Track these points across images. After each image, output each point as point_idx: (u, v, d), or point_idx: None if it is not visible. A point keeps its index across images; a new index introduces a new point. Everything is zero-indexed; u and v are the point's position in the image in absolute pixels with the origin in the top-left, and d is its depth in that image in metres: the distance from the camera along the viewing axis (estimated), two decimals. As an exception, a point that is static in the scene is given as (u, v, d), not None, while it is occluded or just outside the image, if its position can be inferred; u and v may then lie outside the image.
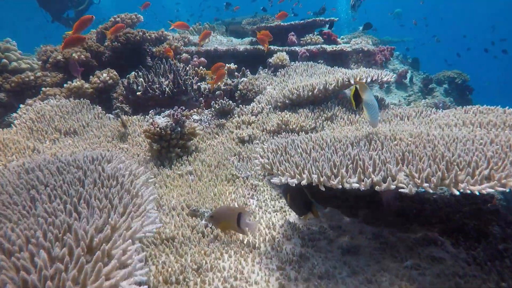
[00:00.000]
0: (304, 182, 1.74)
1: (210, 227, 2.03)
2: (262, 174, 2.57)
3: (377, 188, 1.65)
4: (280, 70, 3.88)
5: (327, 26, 5.57)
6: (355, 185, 1.67)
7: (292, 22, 5.35)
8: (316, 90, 3.19)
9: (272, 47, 5.01)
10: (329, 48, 5.14)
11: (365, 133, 2.24)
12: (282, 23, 5.33)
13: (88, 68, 4.23)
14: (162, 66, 3.72)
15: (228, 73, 4.29)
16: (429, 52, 14.11)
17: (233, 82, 3.99)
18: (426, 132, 2.09)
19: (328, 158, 1.83)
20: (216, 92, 3.71)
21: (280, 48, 5.12)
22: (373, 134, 2.18)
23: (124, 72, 4.46)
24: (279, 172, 1.84)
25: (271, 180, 1.85)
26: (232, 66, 4.28)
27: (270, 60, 4.09)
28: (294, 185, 1.77)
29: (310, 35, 5.33)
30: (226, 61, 5.13)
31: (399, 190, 1.61)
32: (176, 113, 2.82)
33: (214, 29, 7.66)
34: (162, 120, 2.81)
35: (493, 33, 15.39)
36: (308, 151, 1.99)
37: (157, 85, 3.55)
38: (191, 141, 2.92)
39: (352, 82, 3.24)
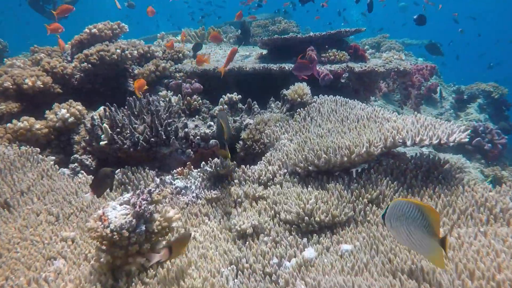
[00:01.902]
0: None
1: None
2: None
3: None
4: (299, 109, 2.75)
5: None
6: None
7: (311, 34, 4.19)
8: (354, 155, 2.08)
9: (286, 66, 3.87)
10: (357, 67, 3.99)
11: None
12: (299, 35, 4.17)
13: (49, 97, 3.16)
14: (137, 103, 2.62)
15: (229, 106, 3.18)
16: (457, 55, 12.73)
17: (235, 121, 2.88)
18: None
19: None
20: (211, 141, 2.61)
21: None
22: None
23: (99, 101, 3.39)
24: None
25: None
26: (235, 96, 3.16)
27: (285, 92, 2.96)
28: None
29: (333, 50, 4.17)
30: (228, 84, 4.01)
31: None
32: (139, 201, 1.73)
33: (220, 34, 6.51)
34: (117, 213, 1.72)
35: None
36: None
37: (128, 133, 2.46)
38: (164, 241, 1.84)
39: (409, 143, 2.11)
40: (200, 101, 3.27)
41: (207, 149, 2.61)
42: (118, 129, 2.49)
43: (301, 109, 2.71)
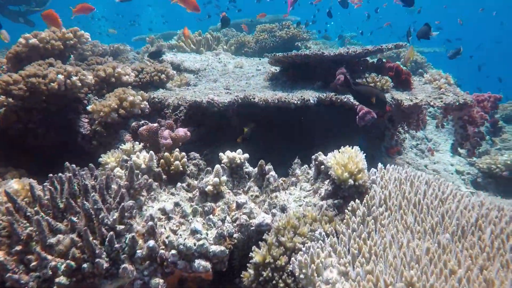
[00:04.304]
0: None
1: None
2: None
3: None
4: (352, 203, 1.52)
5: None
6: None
7: (341, 51, 2.96)
8: None
9: (310, 98, 2.65)
10: (405, 100, 2.77)
11: None
12: (326, 53, 2.94)
13: None
14: (65, 185, 1.40)
15: (231, 171, 1.96)
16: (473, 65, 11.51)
17: (239, 207, 1.67)
18: None
19: None
20: (196, 262, 1.38)
21: (323, 95, 2.77)
22: None
23: (35, 150, 2.19)
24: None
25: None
26: (239, 156, 1.94)
27: (323, 159, 1.73)
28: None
29: (372, 74, 2.95)
30: (230, 122, 2.81)
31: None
32: None
33: (220, 41, 5.24)
34: None
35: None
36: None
37: (35, 260, 1.23)
38: None
39: None
40: (185, 158, 2.04)
41: (190, 272, 1.39)
42: (21, 246, 1.27)
43: (357, 201, 1.48)
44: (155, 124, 2.11)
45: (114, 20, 14.72)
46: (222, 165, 1.96)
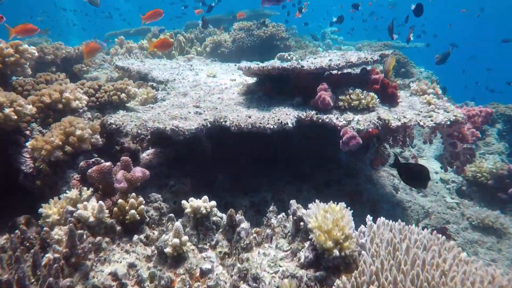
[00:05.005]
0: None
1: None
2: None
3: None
4: (339, 281, 1.25)
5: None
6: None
7: (323, 64, 2.67)
8: None
9: (289, 121, 2.37)
10: (393, 120, 2.52)
11: None
12: (305, 66, 2.64)
13: None
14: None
15: (196, 223, 1.66)
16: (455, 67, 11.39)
17: (205, 275, 1.38)
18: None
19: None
20: None
21: (302, 114, 2.50)
22: None
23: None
24: None
25: None
26: (205, 206, 1.64)
27: (301, 214, 1.46)
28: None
29: (357, 90, 2.68)
30: (204, 149, 2.51)
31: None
32: None
33: (194, 43, 4.87)
34: None
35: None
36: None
37: None
38: None
39: None
40: (143, 205, 1.73)
41: None
42: None
43: (344, 280, 1.22)
44: (108, 163, 1.78)
45: (87, 12, 14.01)
46: (186, 212, 1.67)
